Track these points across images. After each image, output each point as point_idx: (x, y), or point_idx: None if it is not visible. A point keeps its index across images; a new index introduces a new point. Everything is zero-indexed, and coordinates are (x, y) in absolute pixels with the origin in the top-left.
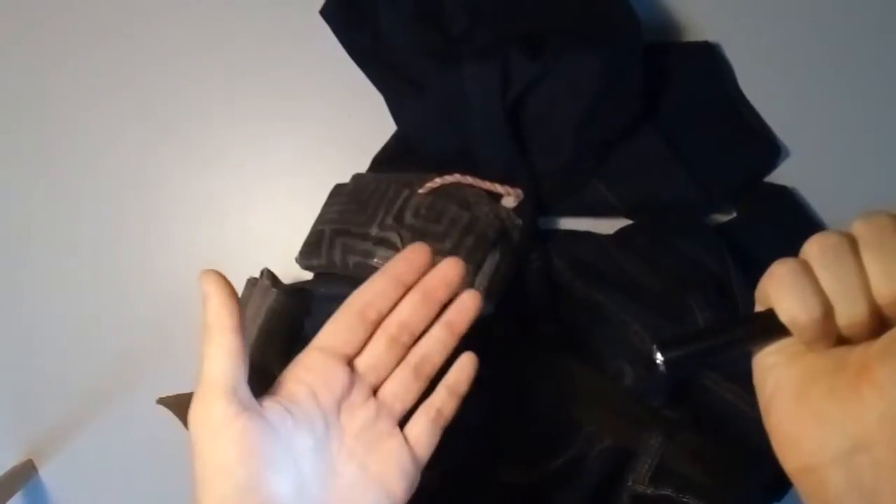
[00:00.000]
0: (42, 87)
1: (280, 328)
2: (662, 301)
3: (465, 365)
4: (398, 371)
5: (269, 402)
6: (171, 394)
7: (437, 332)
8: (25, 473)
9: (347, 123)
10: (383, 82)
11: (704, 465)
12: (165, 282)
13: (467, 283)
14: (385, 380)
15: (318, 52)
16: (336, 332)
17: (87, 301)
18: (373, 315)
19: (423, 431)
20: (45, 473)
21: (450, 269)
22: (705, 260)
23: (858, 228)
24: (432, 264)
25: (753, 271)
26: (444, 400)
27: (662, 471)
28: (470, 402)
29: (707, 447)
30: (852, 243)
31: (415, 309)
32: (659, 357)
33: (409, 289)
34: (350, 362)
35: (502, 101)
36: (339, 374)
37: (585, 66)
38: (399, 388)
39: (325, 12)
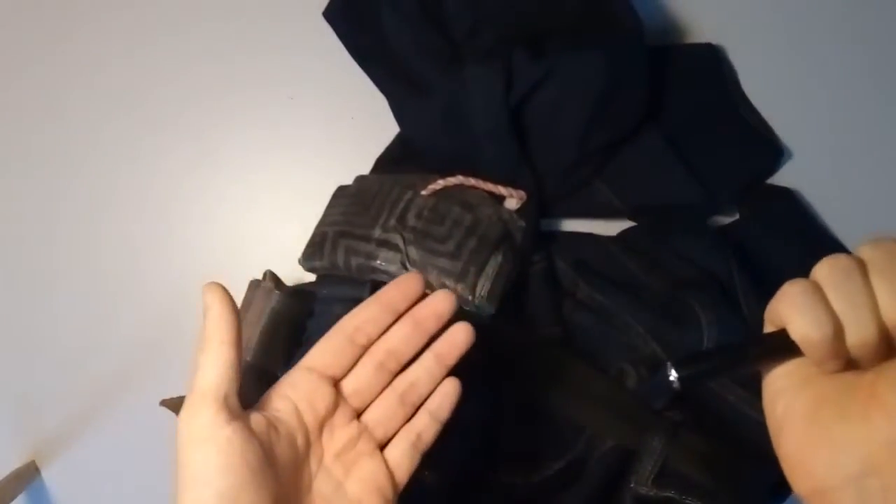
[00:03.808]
0: (39, 83)
1: (282, 330)
2: (665, 303)
3: (448, 391)
4: (383, 397)
5: (255, 415)
6: (173, 396)
7: (426, 362)
8: (28, 475)
9: (350, 125)
10: (386, 84)
11: (707, 466)
12: (167, 283)
13: (470, 285)
14: (370, 404)
15: (320, 54)
16: (324, 353)
17: (88, 303)
18: (362, 339)
19: (403, 455)
20: (48, 475)
21: (441, 301)
22: (708, 261)
23: (868, 253)
24: (424, 294)
25: (756, 272)
26: (426, 425)
27: (665, 472)
28: (472, 403)
29: (710, 449)
30: (862, 267)
31: (404, 337)
32: (673, 374)
33: (399, 316)
34: (336, 384)
35: (505, 102)
36: (324, 393)
37: (589, 67)
38: (383, 415)
39: (328, 14)
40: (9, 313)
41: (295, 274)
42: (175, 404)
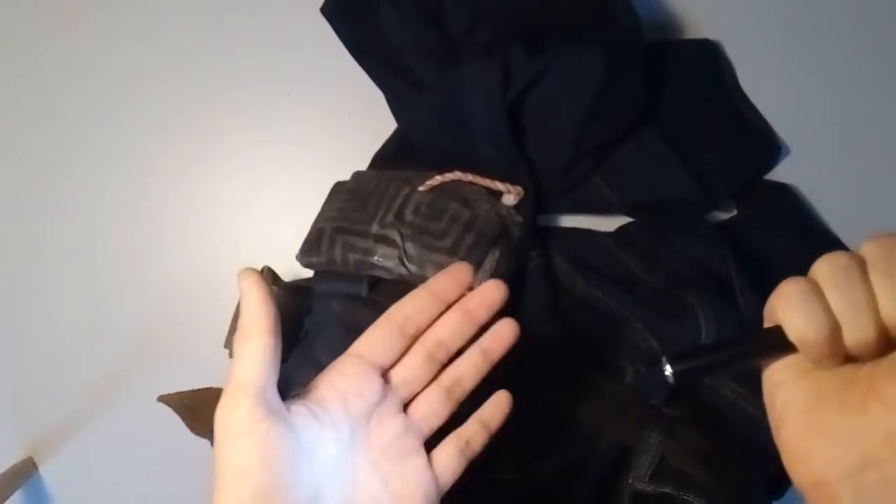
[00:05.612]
0: (36, 81)
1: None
2: (663, 299)
3: (501, 402)
4: (430, 391)
5: (296, 407)
6: (171, 391)
7: (472, 357)
8: (26, 471)
9: (348, 121)
10: (384, 80)
11: (705, 462)
12: (165, 279)
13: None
14: (416, 396)
15: (318, 50)
16: (373, 341)
17: (86, 300)
18: (411, 329)
19: (450, 459)
20: (46, 471)
21: (492, 290)
22: (706, 257)
23: (868, 250)
24: (474, 284)
25: (754, 268)
26: (475, 433)
27: (663, 468)
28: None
29: (707, 445)
30: (861, 265)
31: (454, 328)
32: (668, 369)
33: (449, 306)
34: (384, 374)
35: (503, 99)
36: (373, 383)
37: (587, 64)
38: (429, 409)
39: (325, 10)
40: (6, 310)
41: (293, 270)
42: (173, 400)
